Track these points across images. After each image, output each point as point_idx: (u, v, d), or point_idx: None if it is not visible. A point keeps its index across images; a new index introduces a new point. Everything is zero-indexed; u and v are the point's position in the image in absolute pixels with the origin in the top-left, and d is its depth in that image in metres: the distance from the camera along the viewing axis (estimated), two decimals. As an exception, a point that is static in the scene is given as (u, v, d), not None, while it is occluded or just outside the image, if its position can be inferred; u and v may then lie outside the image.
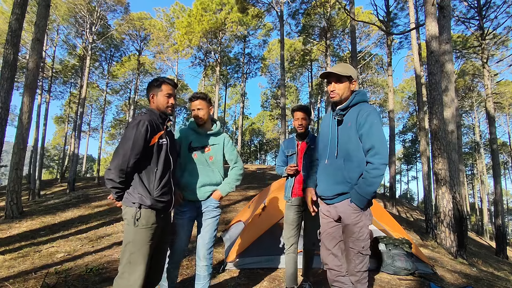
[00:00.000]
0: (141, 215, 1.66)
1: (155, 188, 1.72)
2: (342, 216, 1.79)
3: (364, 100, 1.84)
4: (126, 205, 1.70)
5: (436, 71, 5.81)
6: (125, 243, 1.67)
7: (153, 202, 1.70)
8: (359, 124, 1.74)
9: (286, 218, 2.58)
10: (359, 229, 1.73)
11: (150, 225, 1.69)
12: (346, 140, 1.79)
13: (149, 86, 1.89)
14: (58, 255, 3.70)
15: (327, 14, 18.60)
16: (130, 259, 1.64)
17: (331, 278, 1.90)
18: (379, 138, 1.69)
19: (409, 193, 53.80)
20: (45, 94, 20.11)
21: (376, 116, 1.74)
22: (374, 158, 1.67)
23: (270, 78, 31.01)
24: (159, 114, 1.85)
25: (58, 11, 18.14)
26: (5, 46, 6.00)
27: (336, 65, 1.91)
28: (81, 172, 35.17)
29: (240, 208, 7.04)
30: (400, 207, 17.92)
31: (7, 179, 7.23)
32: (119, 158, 1.64)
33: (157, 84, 1.85)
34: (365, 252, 1.75)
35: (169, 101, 1.86)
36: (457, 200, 5.64)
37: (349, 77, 1.84)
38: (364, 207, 1.72)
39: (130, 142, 1.65)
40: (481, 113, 25.23)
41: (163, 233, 1.86)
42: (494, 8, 12.56)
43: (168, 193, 1.80)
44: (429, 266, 3.41)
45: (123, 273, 1.65)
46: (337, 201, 1.81)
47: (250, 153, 46.94)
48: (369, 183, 1.67)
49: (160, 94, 1.84)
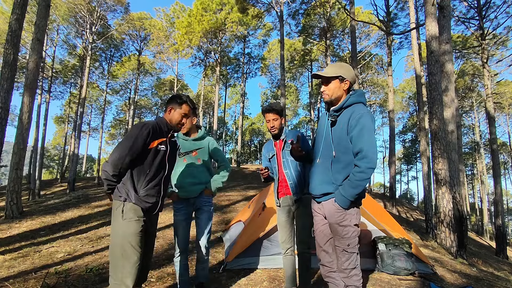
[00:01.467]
0: (127, 208, 1.73)
1: (142, 187, 1.80)
2: (326, 215, 1.83)
3: (359, 101, 1.81)
4: (115, 199, 1.78)
5: (436, 71, 5.81)
6: (115, 237, 1.71)
7: (137, 200, 1.77)
8: (350, 126, 1.73)
9: (278, 222, 2.52)
10: (343, 227, 1.75)
11: (138, 218, 1.75)
12: (337, 141, 1.80)
13: (172, 99, 2.00)
14: (58, 255, 3.70)
15: (327, 14, 18.60)
16: (122, 252, 1.68)
17: (323, 274, 1.95)
18: (368, 141, 1.67)
19: (409, 193, 53.82)
20: (45, 94, 20.11)
21: (368, 119, 1.71)
22: (361, 162, 1.67)
23: (270, 78, 31.05)
24: (166, 125, 1.95)
25: (58, 11, 18.14)
26: (5, 46, 6.00)
27: (328, 66, 1.92)
28: (81, 172, 35.17)
29: (240, 208, 7.04)
30: (400, 207, 17.93)
31: (7, 179, 7.23)
32: (117, 154, 1.72)
33: (180, 101, 1.97)
34: (351, 250, 1.77)
35: (182, 120, 1.99)
36: (457, 200, 5.64)
37: (339, 77, 1.82)
38: (347, 208, 1.73)
39: (131, 141, 1.74)
40: (481, 113, 25.23)
41: (147, 234, 1.88)
42: (494, 8, 12.56)
43: (154, 196, 1.86)
44: (429, 266, 3.41)
45: (116, 266, 1.68)
46: (323, 200, 1.84)
47: (250, 153, 46.95)
48: (354, 185, 1.67)
49: (177, 112, 1.97)
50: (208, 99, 32.21)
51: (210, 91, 31.37)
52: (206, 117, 36.09)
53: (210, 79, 29.76)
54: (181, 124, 2.00)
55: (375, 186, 50.45)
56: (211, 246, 4.14)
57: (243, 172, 19.59)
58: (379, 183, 51.19)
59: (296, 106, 35.85)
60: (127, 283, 1.67)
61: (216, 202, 7.99)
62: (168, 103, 2.00)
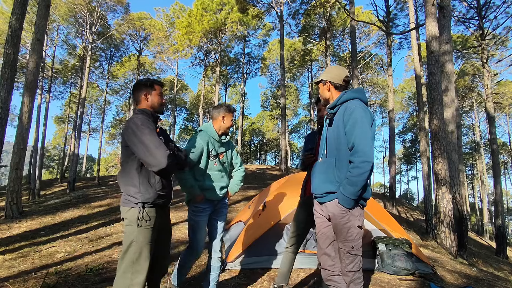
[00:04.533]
0: (144, 215, 1.68)
1: (157, 181, 1.74)
2: (330, 216, 1.79)
3: (354, 97, 1.82)
4: (128, 207, 1.70)
5: (436, 71, 5.81)
6: (127, 243, 1.67)
7: (156, 196, 1.72)
8: (344, 122, 1.75)
9: (295, 215, 2.45)
10: (347, 229, 1.72)
11: (152, 225, 1.71)
12: (336, 139, 1.80)
13: (139, 86, 1.88)
14: (58, 255, 3.70)
15: (327, 14, 18.60)
16: (134, 259, 1.65)
17: (324, 277, 1.92)
18: (360, 135, 1.66)
19: (409, 193, 53.81)
20: (45, 94, 20.11)
21: (360, 113, 1.71)
22: (354, 157, 1.66)
23: (270, 78, 31.07)
24: (151, 113, 1.86)
25: (58, 11, 18.13)
26: (5, 46, 6.00)
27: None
28: (81, 172, 35.17)
29: (240, 208, 7.05)
30: (400, 207, 17.92)
31: (7, 179, 7.23)
32: (156, 149, 1.63)
33: (149, 84, 1.89)
34: (355, 252, 1.74)
35: (162, 100, 1.93)
36: (457, 200, 5.64)
37: (321, 81, 1.97)
38: (351, 207, 1.71)
39: (153, 134, 1.67)
40: (481, 113, 25.22)
41: (162, 231, 1.86)
42: (494, 8, 12.58)
43: (167, 187, 1.82)
44: (429, 266, 3.41)
45: (125, 273, 1.65)
46: (327, 200, 1.80)
47: (250, 153, 46.91)
48: (351, 182, 1.65)
49: (154, 94, 1.89)
50: (208, 99, 32.20)
51: (210, 91, 31.36)
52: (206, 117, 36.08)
53: (210, 79, 29.77)
54: (163, 104, 1.95)
55: (375, 186, 50.48)
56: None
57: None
58: (379, 183, 51.21)
59: (296, 106, 35.84)
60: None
61: (216, 202, 7.99)
62: (139, 92, 1.87)
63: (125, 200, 1.71)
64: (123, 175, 1.75)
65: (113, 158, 39.75)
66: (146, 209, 1.69)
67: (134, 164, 1.71)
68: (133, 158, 1.71)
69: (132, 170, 1.71)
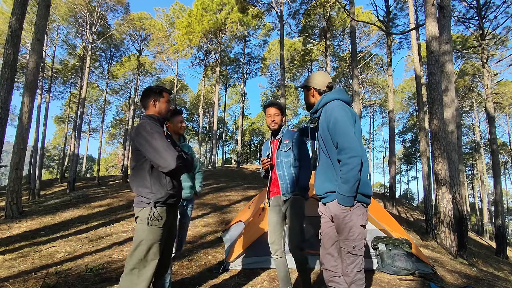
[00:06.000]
0: (155, 214, 1.75)
1: (167, 182, 1.82)
2: (332, 216, 1.80)
3: (332, 99, 1.86)
4: (141, 207, 1.78)
5: (436, 71, 5.81)
6: (137, 241, 1.73)
7: (167, 196, 1.79)
8: (327, 124, 1.80)
9: (268, 222, 2.45)
10: (349, 229, 1.72)
11: (162, 225, 1.78)
12: (325, 141, 1.85)
13: (148, 93, 1.98)
14: (58, 255, 3.70)
15: (327, 14, 18.60)
16: (142, 257, 1.70)
17: (326, 279, 1.90)
18: (342, 133, 1.70)
19: (409, 193, 53.82)
20: (45, 94, 20.11)
21: (338, 112, 1.75)
22: (340, 155, 1.70)
23: (270, 78, 31.03)
24: (158, 119, 1.96)
25: (58, 11, 18.14)
26: (5, 46, 6.01)
27: None
28: (81, 172, 35.18)
29: (240, 208, 7.04)
30: (400, 207, 17.93)
31: (7, 179, 7.23)
32: (165, 151, 1.72)
33: (158, 91, 1.99)
34: (356, 252, 1.73)
35: (169, 107, 2.06)
36: (457, 200, 5.64)
37: (306, 86, 2.02)
38: (351, 205, 1.71)
39: (162, 137, 1.76)
40: (481, 113, 25.23)
41: (172, 229, 1.96)
42: (494, 8, 12.57)
43: (177, 187, 1.91)
44: (429, 266, 3.41)
45: (133, 269, 1.69)
46: (328, 200, 1.82)
47: (250, 153, 46.96)
48: (344, 180, 1.67)
49: (162, 101, 1.99)
50: (208, 99, 32.22)
51: (210, 91, 31.36)
52: (206, 117, 36.07)
53: (210, 79, 29.76)
54: (170, 111, 2.10)
55: (375, 186, 50.46)
56: (212, 246, 4.14)
57: (243, 172, 19.58)
58: (379, 183, 51.20)
59: (296, 106, 35.86)
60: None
61: (216, 202, 8.00)
62: (147, 98, 1.97)
63: (138, 201, 1.79)
64: (135, 177, 1.82)
65: (113, 158, 39.77)
66: (158, 208, 1.76)
67: (145, 167, 1.79)
68: (144, 161, 1.79)
69: (144, 172, 1.78)
